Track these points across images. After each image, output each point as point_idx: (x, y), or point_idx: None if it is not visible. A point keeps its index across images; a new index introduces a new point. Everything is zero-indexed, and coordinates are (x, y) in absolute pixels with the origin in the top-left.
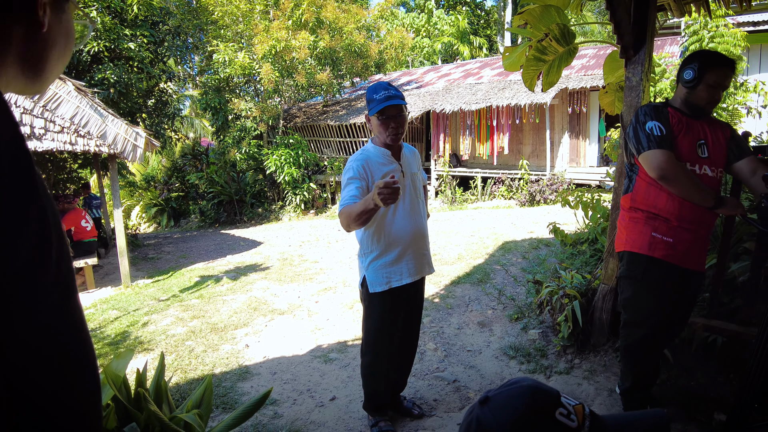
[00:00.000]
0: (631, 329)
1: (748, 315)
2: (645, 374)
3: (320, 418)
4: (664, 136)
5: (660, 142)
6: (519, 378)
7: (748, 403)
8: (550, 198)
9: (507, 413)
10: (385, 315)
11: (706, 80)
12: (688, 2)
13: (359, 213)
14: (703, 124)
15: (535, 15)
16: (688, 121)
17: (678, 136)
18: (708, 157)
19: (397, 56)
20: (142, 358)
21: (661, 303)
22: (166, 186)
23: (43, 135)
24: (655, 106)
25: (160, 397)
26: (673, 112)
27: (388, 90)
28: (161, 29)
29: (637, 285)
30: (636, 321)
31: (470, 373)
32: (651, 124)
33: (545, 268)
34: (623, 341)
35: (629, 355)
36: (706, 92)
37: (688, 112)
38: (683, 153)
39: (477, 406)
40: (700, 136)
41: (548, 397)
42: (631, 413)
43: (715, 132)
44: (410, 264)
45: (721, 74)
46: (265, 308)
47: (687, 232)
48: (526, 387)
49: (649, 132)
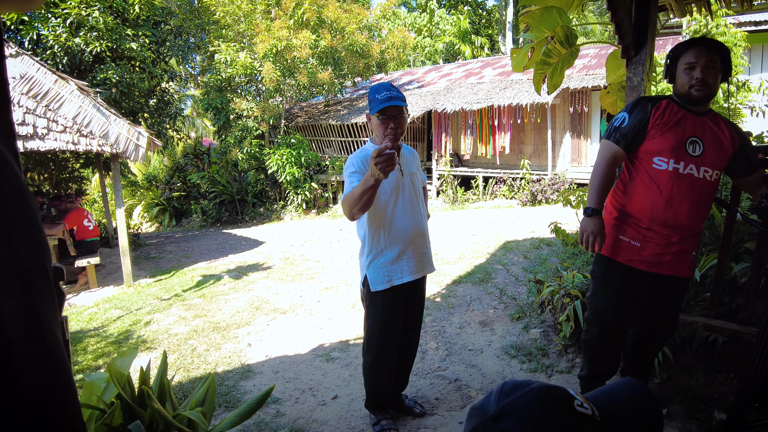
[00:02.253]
0: (589, 326)
1: (749, 315)
2: (599, 368)
3: (322, 416)
4: (619, 128)
5: (613, 132)
6: (511, 383)
7: (747, 402)
8: (552, 198)
9: (532, 420)
10: (386, 314)
11: (679, 66)
12: (689, 2)
13: (360, 193)
14: (704, 120)
15: (535, 17)
16: (683, 114)
17: (665, 128)
18: (700, 156)
19: (399, 56)
20: (145, 356)
21: (615, 305)
22: (168, 185)
23: (45, 135)
24: (642, 98)
25: (164, 395)
26: (666, 104)
27: (390, 91)
28: (163, 29)
29: (597, 284)
30: (591, 319)
31: (472, 372)
32: (621, 114)
33: (546, 267)
34: (583, 335)
35: (587, 349)
36: (686, 76)
37: (687, 106)
38: (665, 146)
39: (491, 423)
40: (693, 133)
41: (561, 392)
42: (608, 389)
43: (720, 132)
44: (411, 262)
45: (697, 53)
46: (267, 307)
47: (658, 236)
48: (538, 389)
49: (613, 122)
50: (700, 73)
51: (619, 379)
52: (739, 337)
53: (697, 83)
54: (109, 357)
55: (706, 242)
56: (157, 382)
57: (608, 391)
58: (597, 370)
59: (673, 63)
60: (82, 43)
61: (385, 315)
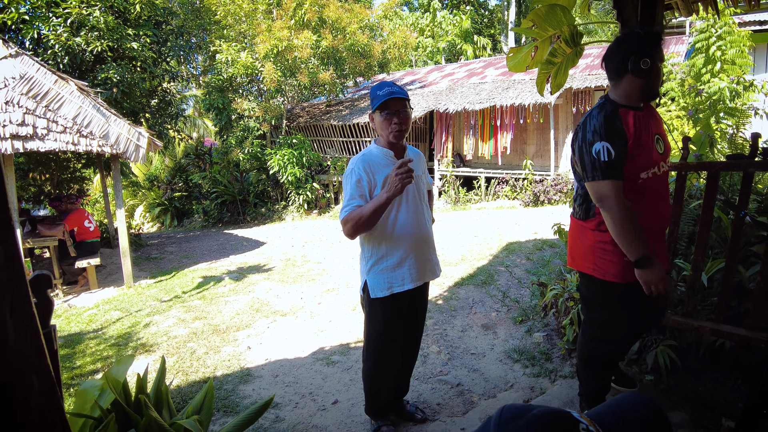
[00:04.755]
0: (596, 342)
1: (758, 319)
2: (605, 382)
3: (322, 422)
4: (611, 162)
5: (606, 169)
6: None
7: (757, 409)
8: (555, 198)
9: None
10: (386, 321)
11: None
12: (695, 1)
13: (372, 213)
14: (646, 114)
15: (540, 15)
16: (638, 116)
17: (638, 142)
18: (664, 152)
19: (401, 56)
20: (144, 360)
21: (638, 321)
22: (169, 186)
23: (45, 135)
24: (606, 118)
25: (161, 401)
26: (624, 113)
27: (391, 87)
28: (164, 29)
29: (611, 310)
30: (607, 338)
31: (474, 377)
32: (598, 146)
33: (550, 269)
34: (587, 352)
35: (592, 365)
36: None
37: (636, 106)
38: (648, 158)
39: None
40: (657, 129)
41: (564, 417)
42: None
43: (658, 120)
44: (413, 269)
45: (659, 50)
46: (268, 309)
47: (652, 239)
48: (538, 417)
49: (595, 157)
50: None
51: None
52: (747, 343)
53: (659, 82)
54: (107, 361)
55: (713, 245)
56: (155, 388)
57: (613, 409)
58: (604, 382)
59: (652, 60)
60: (83, 43)
61: (386, 322)
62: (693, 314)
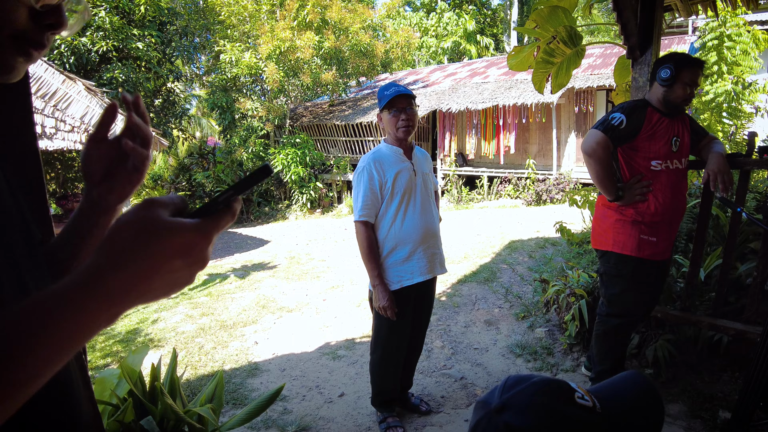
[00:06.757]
0: (612, 318)
1: (754, 314)
2: (617, 354)
3: (329, 413)
4: (617, 128)
5: (609, 128)
6: (515, 377)
7: (752, 401)
8: (557, 197)
9: (534, 412)
10: (395, 313)
11: (681, 78)
12: (695, 2)
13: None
14: (676, 121)
15: (543, 16)
16: (665, 120)
17: (655, 135)
18: (678, 151)
19: (404, 56)
20: (154, 354)
21: (647, 296)
22: (173, 185)
23: (54, 134)
24: (635, 105)
25: (174, 391)
26: (652, 111)
27: (397, 86)
28: (169, 29)
29: (625, 282)
30: (621, 313)
31: (477, 371)
32: (617, 115)
33: (552, 267)
34: (602, 327)
35: (605, 340)
36: (682, 90)
37: (665, 111)
38: (659, 151)
39: (494, 416)
40: (675, 133)
41: (562, 385)
42: (612, 381)
43: (684, 126)
44: (421, 262)
45: (695, 72)
46: (274, 306)
47: (665, 224)
48: (539, 382)
49: (610, 119)
50: (693, 93)
51: (623, 372)
52: (744, 337)
53: (689, 99)
54: (116, 356)
55: (710, 242)
56: (168, 378)
57: (611, 384)
58: (615, 357)
59: (677, 71)
60: (89, 43)
61: (395, 314)
62: (691, 309)
